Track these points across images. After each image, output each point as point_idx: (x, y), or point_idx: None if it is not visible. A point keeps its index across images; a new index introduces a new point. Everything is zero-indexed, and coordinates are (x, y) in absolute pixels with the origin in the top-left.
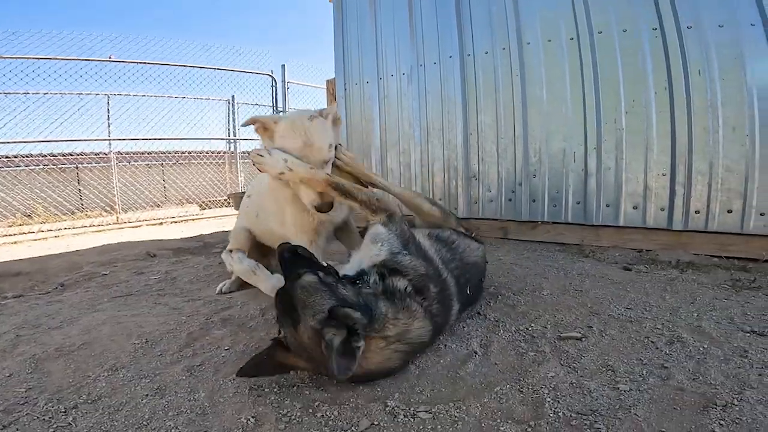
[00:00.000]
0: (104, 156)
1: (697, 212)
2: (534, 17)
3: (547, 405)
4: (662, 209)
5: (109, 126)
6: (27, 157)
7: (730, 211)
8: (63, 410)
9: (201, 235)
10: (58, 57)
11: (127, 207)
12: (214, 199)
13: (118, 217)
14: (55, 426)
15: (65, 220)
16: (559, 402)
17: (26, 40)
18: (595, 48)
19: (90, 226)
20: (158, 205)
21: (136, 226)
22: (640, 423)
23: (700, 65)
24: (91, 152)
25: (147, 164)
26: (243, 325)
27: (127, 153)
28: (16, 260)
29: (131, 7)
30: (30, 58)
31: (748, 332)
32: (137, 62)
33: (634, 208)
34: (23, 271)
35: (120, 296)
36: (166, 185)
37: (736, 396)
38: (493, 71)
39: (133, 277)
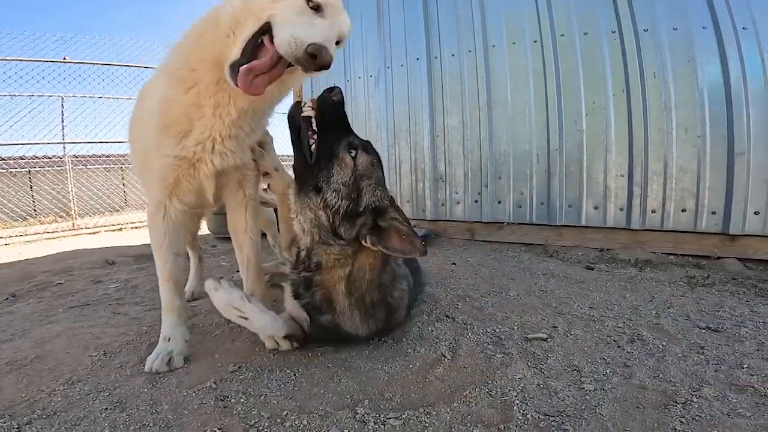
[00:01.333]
0: (59, 159)
1: (653, 212)
2: (499, 20)
3: (515, 407)
4: (621, 209)
5: (63, 129)
6: None
7: (684, 210)
8: (16, 426)
9: None
10: (7, 58)
11: (84, 212)
12: None
13: (74, 223)
14: None
15: (17, 227)
16: (527, 404)
17: None
18: (557, 50)
19: (44, 232)
20: (118, 210)
21: (94, 233)
22: (605, 423)
23: (655, 68)
24: (44, 156)
25: (105, 168)
26: (208, 334)
27: (83, 156)
28: None
29: (86, 7)
30: None
31: (704, 329)
32: (94, 63)
33: (595, 208)
34: None
35: (76, 306)
36: (126, 189)
37: (695, 393)
38: (460, 73)
39: (90, 286)
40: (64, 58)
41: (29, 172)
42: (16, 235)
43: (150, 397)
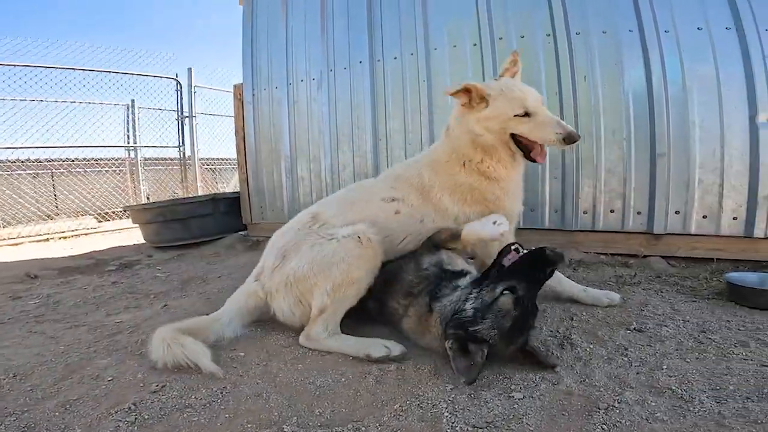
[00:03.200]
0: None
1: (585, 213)
2: (441, 23)
3: (444, 420)
4: (556, 211)
5: None
6: None
7: (612, 211)
8: None
9: (93, 251)
10: None
11: (7, 222)
12: (115, 210)
13: None
14: None
15: None
16: (456, 416)
17: None
18: (495, 53)
19: None
20: (50, 218)
21: (17, 244)
22: None
23: (585, 71)
24: None
25: (33, 174)
26: (132, 353)
27: (7, 162)
28: None
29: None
30: None
31: (629, 329)
32: (15, 65)
33: (532, 210)
34: None
35: None
36: (57, 196)
37: (617, 398)
38: (402, 76)
39: (8, 303)
40: None
41: None
42: None
43: (62, 421)
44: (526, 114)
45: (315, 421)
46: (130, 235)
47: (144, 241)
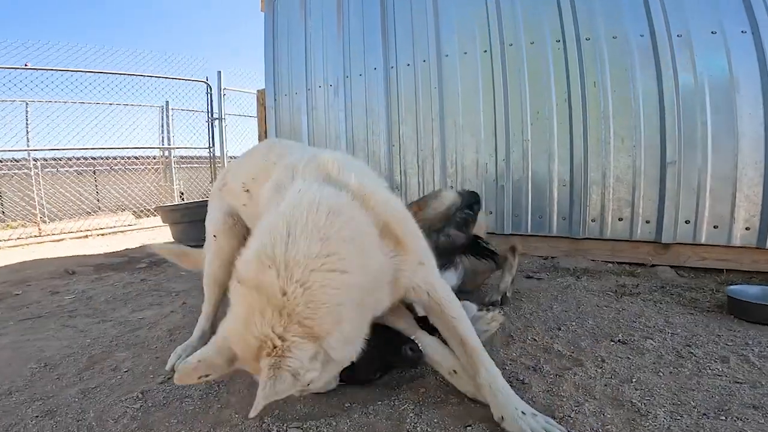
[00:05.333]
0: (26, 162)
1: (593, 220)
2: (452, 29)
3: (408, 420)
4: (564, 218)
5: (27, 134)
6: None
7: (620, 219)
8: None
9: (126, 249)
10: None
11: (55, 217)
12: (151, 207)
13: (40, 229)
14: None
15: None
16: (420, 417)
17: None
18: (505, 60)
19: (8, 239)
20: (91, 214)
21: (59, 240)
22: None
23: (595, 77)
24: (11, 159)
25: (77, 171)
26: (148, 347)
27: (53, 159)
28: None
29: (46, 12)
30: None
31: (614, 341)
32: (57, 69)
33: (540, 217)
34: None
35: (28, 318)
36: (99, 193)
37: (576, 408)
38: (414, 83)
39: (47, 297)
40: (26, 65)
41: None
42: None
43: (79, 406)
44: None
45: (293, 416)
46: (162, 232)
47: (173, 240)
